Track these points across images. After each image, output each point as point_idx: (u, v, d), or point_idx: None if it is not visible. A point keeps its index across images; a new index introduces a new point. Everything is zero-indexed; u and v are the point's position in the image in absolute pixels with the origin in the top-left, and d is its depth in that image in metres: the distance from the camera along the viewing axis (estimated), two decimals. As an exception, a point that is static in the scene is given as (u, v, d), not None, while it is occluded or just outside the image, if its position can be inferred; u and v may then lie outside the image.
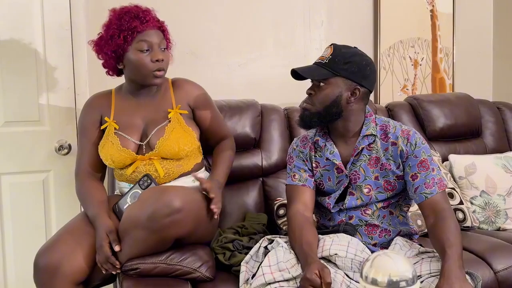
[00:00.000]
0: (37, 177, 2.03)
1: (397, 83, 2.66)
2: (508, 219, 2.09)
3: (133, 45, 1.59)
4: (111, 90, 1.76)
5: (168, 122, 1.67)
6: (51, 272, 1.46)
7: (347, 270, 1.38)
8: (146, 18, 1.60)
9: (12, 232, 2.01)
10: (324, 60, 1.47)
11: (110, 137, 1.65)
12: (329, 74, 1.46)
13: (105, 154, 1.65)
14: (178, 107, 1.70)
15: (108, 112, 1.70)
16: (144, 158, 1.64)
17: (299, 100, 2.31)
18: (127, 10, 1.61)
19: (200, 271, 1.53)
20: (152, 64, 1.60)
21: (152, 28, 1.61)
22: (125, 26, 1.57)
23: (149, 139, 1.65)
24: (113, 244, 1.49)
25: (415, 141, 1.47)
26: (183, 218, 1.45)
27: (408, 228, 1.56)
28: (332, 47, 1.49)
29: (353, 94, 1.47)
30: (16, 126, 1.98)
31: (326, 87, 1.46)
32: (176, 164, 1.67)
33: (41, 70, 1.99)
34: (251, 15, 2.38)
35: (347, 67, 1.45)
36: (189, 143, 1.67)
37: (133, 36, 1.58)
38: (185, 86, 1.76)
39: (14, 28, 1.95)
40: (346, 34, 2.53)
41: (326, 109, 1.47)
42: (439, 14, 2.71)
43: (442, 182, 1.46)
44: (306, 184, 1.55)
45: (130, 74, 1.66)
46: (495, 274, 1.70)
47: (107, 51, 1.61)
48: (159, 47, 1.62)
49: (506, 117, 2.50)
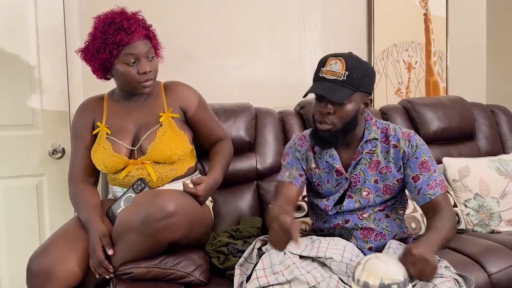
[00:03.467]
0: (30, 181, 2.02)
1: (391, 86, 2.67)
2: (502, 221, 2.10)
3: (120, 58, 1.58)
4: (104, 95, 1.75)
5: (159, 126, 1.67)
6: (44, 276, 1.46)
7: (342, 274, 1.38)
8: (131, 28, 1.56)
9: (6, 237, 1.99)
10: (340, 77, 1.40)
11: (102, 142, 1.65)
12: (352, 93, 1.40)
13: (98, 159, 1.65)
14: (169, 110, 1.70)
15: (100, 117, 1.69)
16: (137, 163, 1.64)
17: (294, 104, 2.34)
18: (111, 20, 1.57)
19: (194, 275, 1.53)
20: (139, 76, 1.60)
21: (138, 39, 1.58)
22: (110, 40, 1.55)
23: (140, 144, 1.65)
24: (107, 248, 1.48)
25: (415, 142, 1.48)
26: (177, 222, 1.45)
27: (403, 232, 1.57)
28: (344, 62, 1.41)
29: (366, 105, 1.47)
30: (9, 130, 1.97)
31: (348, 104, 1.42)
32: (169, 168, 1.66)
33: (34, 74, 1.99)
34: (246, 18, 2.39)
35: (365, 81, 1.43)
36: (181, 146, 1.67)
37: (119, 49, 1.56)
38: (177, 89, 1.75)
39: (7, 31, 1.94)
40: (340, 37, 2.54)
41: (346, 125, 1.44)
42: (433, 17, 2.72)
43: (444, 183, 1.47)
44: (293, 181, 1.54)
45: (119, 84, 1.67)
46: (489, 276, 1.71)
47: (94, 64, 1.60)
48: (147, 57, 1.60)
49: (499, 120, 2.51)
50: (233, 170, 2.02)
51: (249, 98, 2.21)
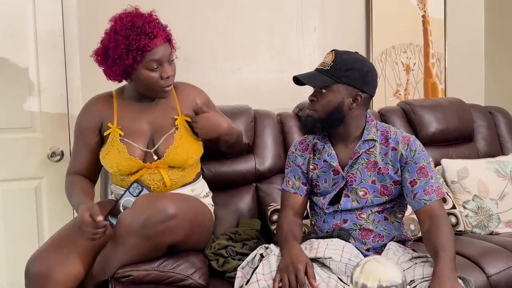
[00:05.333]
0: (29, 184, 2.02)
1: (390, 88, 2.68)
2: (501, 223, 2.10)
3: (143, 64, 1.53)
4: (112, 93, 1.70)
5: (175, 130, 1.65)
6: (42, 279, 1.45)
7: (341, 274, 1.39)
8: (153, 33, 1.52)
9: (5, 240, 1.99)
10: (326, 66, 1.47)
11: (115, 144, 1.60)
12: (331, 82, 1.46)
13: (110, 162, 1.61)
14: (183, 114, 1.68)
15: (110, 117, 1.64)
16: (151, 167, 1.61)
17: (292, 106, 2.35)
18: (132, 24, 1.52)
19: (193, 278, 1.52)
20: (162, 81, 1.57)
21: (161, 44, 1.54)
22: (133, 46, 1.50)
23: (157, 147, 1.62)
24: (95, 216, 1.40)
25: (415, 147, 1.49)
26: (177, 225, 1.45)
27: (402, 234, 1.57)
28: (333, 53, 1.49)
29: (355, 100, 1.48)
30: (8, 133, 1.98)
31: (328, 94, 1.47)
32: (181, 174, 1.66)
33: (33, 77, 1.99)
34: (244, 21, 2.39)
35: (349, 74, 1.46)
36: (197, 151, 1.67)
37: (143, 55, 1.51)
38: (188, 90, 1.74)
39: (6, 34, 1.94)
40: (339, 39, 2.55)
41: (328, 115, 1.48)
42: (431, 19, 2.73)
43: (440, 190, 1.47)
44: (297, 192, 1.60)
45: (139, 88, 1.62)
46: (487, 278, 1.71)
47: (116, 70, 1.55)
48: (168, 61, 1.58)
49: (498, 122, 2.51)
50: (231, 172, 2.03)
51: (248, 100, 2.22)
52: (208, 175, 1.97)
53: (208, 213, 1.71)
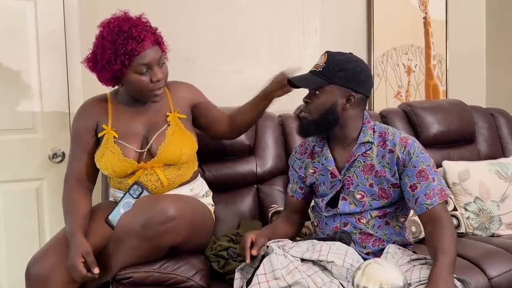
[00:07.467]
0: (30, 185, 2.02)
1: (391, 89, 2.67)
2: (502, 225, 2.10)
3: (131, 68, 1.53)
4: (106, 96, 1.72)
5: (167, 126, 1.66)
6: (43, 281, 1.45)
7: (342, 279, 1.37)
8: (141, 36, 1.52)
9: (5, 241, 1.99)
10: (319, 68, 1.48)
11: (110, 146, 1.61)
12: (323, 83, 1.46)
13: (105, 164, 1.61)
14: (176, 111, 1.69)
15: (105, 119, 1.65)
16: (147, 167, 1.62)
17: (293, 107, 2.34)
18: (119, 29, 1.52)
19: (194, 279, 1.52)
20: (152, 85, 1.57)
21: (149, 47, 1.54)
22: (120, 50, 1.50)
23: (150, 145, 1.63)
24: (92, 267, 1.43)
25: (413, 150, 1.45)
26: (177, 226, 1.45)
27: (403, 239, 1.55)
28: (326, 55, 1.49)
29: (348, 101, 1.47)
30: (9, 134, 1.97)
31: (321, 95, 1.47)
32: (177, 173, 1.66)
33: (34, 78, 1.99)
34: (245, 22, 2.39)
35: (341, 75, 1.46)
36: (190, 146, 1.67)
37: (131, 60, 1.52)
38: (181, 88, 1.76)
39: (7, 35, 1.94)
40: (340, 41, 2.54)
41: (322, 116, 1.47)
42: (432, 21, 2.73)
43: (443, 192, 1.44)
44: (294, 195, 1.64)
45: (130, 92, 1.63)
46: (489, 280, 1.70)
47: (105, 75, 1.56)
48: (158, 64, 1.58)
49: (499, 123, 2.51)
50: (233, 173, 2.03)
51: (249, 101, 2.21)
52: (209, 176, 1.97)
53: (208, 214, 1.71)
